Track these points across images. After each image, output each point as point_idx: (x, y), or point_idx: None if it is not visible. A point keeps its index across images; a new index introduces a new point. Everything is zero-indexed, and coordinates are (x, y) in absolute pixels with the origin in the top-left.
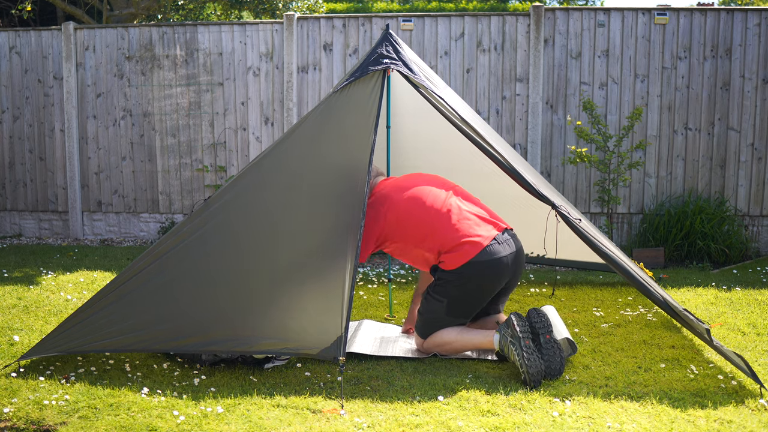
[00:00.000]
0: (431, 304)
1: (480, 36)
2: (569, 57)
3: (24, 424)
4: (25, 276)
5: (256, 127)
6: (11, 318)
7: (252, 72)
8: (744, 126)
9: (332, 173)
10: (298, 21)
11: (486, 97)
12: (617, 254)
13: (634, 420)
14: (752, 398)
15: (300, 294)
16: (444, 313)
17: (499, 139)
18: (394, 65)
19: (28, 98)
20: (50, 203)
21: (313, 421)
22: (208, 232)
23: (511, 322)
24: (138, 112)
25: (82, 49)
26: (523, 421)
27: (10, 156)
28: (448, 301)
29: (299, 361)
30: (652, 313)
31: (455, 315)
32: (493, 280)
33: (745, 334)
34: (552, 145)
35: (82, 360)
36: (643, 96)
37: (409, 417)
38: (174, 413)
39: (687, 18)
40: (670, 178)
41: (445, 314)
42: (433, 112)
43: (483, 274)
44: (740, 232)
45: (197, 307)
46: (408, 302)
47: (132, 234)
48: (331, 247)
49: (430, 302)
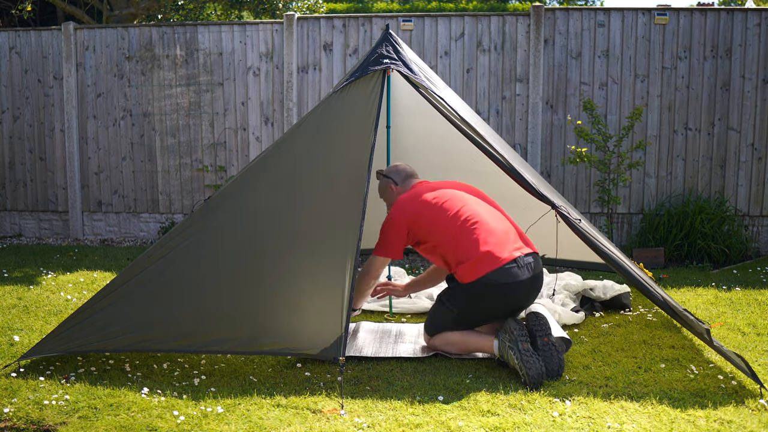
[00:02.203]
0: (442, 310)
1: (480, 36)
2: (569, 57)
3: (24, 424)
4: (25, 276)
5: (256, 127)
6: (11, 318)
7: (252, 72)
8: (744, 126)
9: (332, 173)
10: (298, 21)
11: (486, 97)
12: (617, 254)
13: (634, 420)
14: (752, 398)
15: (300, 294)
16: (452, 321)
17: (499, 139)
18: (394, 65)
19: (28, 98)
20: (50, 203)
21: (313, 421)
22: (208, 232)
23: (508, 327)
24: (138, 112)
25: (82, 49)
26: (523, 421)
27: (10, 156)
28: (459, 313)
29: (299, 361)
30: (652, 313)
31: (463, 325)
32: (505, 302)
33: (745, 334)
34: (552, 145)
35: (82, 360)
36: (643, 96)
37: (409, 417)
38: (174, 413)
39: (687, 18)
40: (670, 178)
41: (453, 322)
42: (433, 112)
43: (494, 294)
44: (740, 232)
45: (197, 307)
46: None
47: (132, 234)
48: (331, 247)
49: (441, 308)
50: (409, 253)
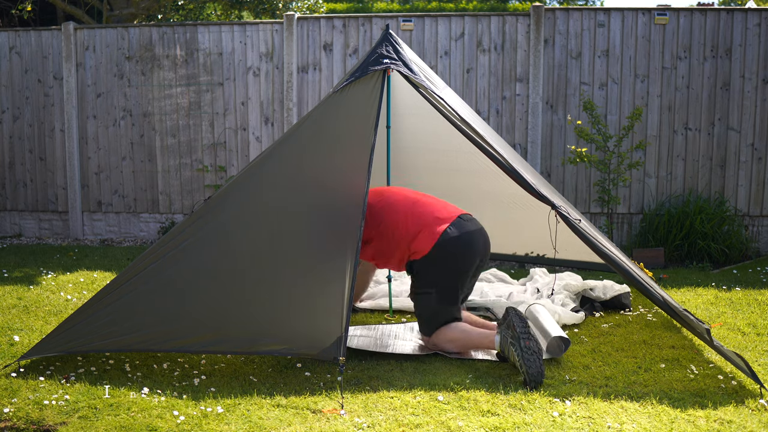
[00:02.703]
0: (421, 300)
1: (480, 36)
2: (569, 57)
3: (24, 424)
4: (25, 276)
5: (256, 127)
6: (11, 318)
7: (252, 72)
8: (744, 126)
9: (332, 173)
10: (298, 21)
11: (486, 97)
12: (617, 254)
13: (634, 420)
14: (752, 398)
15: (300, 294)
16: (436, 303)
17: (499, 139)
18: (394, 65)
19: (28, 98)
20: (50, 203)
21: (313, 421)
22: (208, 232)
23: (511, 323)
24: (138, 112)
25: (82, 49)
26: (523, 421)
27: (10, 156)
28: (436, 291)
29: (299, 361)
30: (652, 313)
31: (448, 302)
32: (468, 256)
33: (745, 334)
34: (552, 145)
35: (82, 360)
36: (643, 96)
37: (409, 417)
38: (174, 413)
39: (687, 18)
40: (670, 178)
41: (438, 304)
42: (433, 112)
43: (455, 251)
44: (740, 232)
45: (197, 307)
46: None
47: (132, 234)
48: (331, 247)
49: (420, 299)
50: None
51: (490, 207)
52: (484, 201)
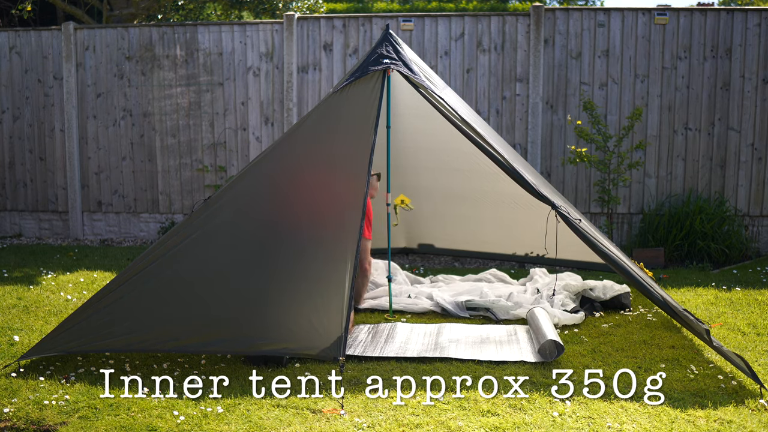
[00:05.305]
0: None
1: (480, 36)
2: (569, 57)
3: (24, 424)
4: (25, 276)
5: (256, 127)
6: (11, 318)
7: (252, 72)
8: (744, 126)
9: (332, 173)
10: (298, 21)
11: (486, 97)
12: (617, 254)
13: (634, 420)
14: (752, 398)
15: (300, 294)
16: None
17: (499, 140)
18: (395, 65)
19: (28, 98)
20: (50, 203)
21: (313, 421)
22: (208, 232)
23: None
24: (138, 112)
25: (82, 49)
26: (523, 421)
27: (10, 156)
28: None
29: (299, 361)
30: (652, 313)
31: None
32: None
33: (745, 334)
34: (552, 145)
35: (82, 360)
36: (643, 96)
37: (409, 417)
38: (174, 413)
39: (687, 18)
40: (670, 178)
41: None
42: (433, 112)
43: None
44: (740, 232)
45: (197, 307)
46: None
47: (132, 234)
48: (331, 247)
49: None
50: (410, 253)
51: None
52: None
